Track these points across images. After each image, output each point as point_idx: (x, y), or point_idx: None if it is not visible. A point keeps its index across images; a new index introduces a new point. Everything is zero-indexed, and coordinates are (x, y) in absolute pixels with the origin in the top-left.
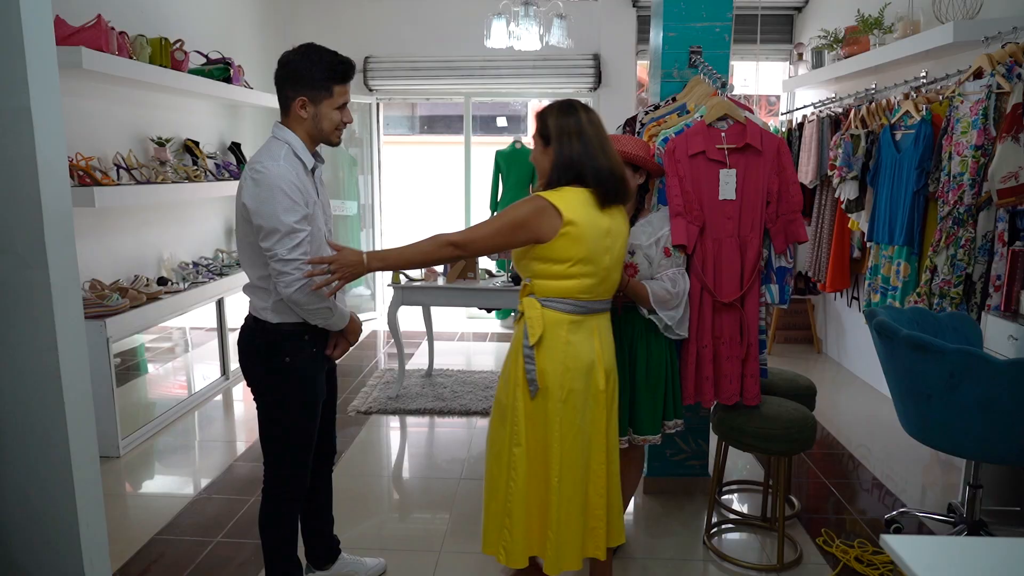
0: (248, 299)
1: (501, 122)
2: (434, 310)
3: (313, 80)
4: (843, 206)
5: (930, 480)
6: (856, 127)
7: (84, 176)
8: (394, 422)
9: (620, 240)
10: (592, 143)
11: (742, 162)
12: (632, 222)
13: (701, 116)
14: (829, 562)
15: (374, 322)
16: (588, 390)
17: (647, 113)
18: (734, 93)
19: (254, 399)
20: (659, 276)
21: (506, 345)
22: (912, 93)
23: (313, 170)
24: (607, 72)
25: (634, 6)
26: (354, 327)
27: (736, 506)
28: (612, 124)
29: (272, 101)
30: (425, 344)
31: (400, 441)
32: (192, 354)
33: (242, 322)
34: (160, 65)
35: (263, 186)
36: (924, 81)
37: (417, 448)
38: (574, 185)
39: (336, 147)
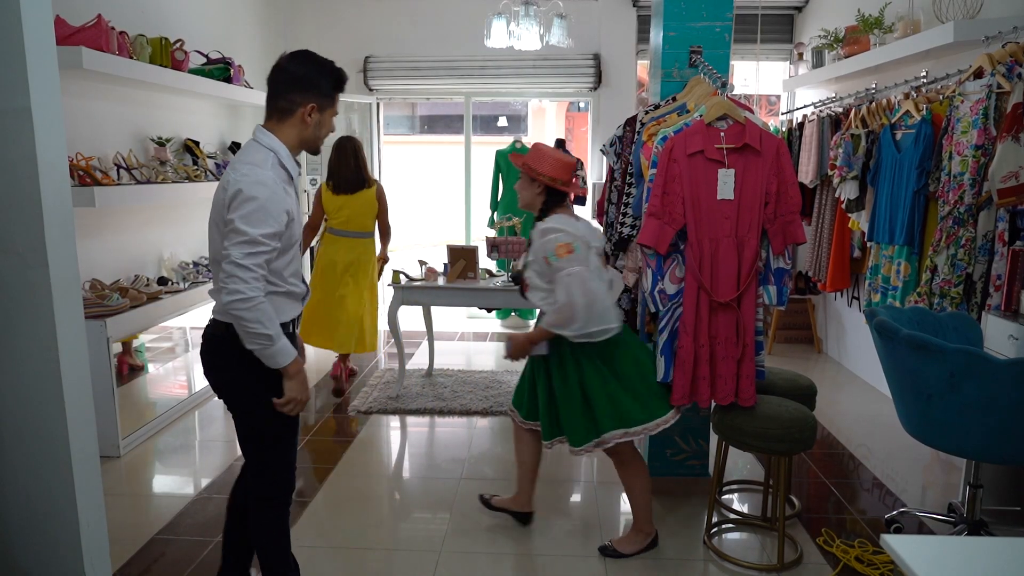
0: (218, 307)
1: (501, 122)
2: (434, 310)
3: (323, 89)
4: (843, 206)
5: (930, 480)
6: (856, 127)
7: (84, 176)
8: (394, 422)
9: (356, 200)
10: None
11: (741, 162)
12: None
13: (701, 115)
14: (829, 562)
15: None
16: (332, 268)
17: (647, 113)
18: (734, 93)
19: (241, 411)
20: (550, 296)
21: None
22: (912, 93)
23: (292, 178)
24: (607, 72)
25: (634, 6)
26: (302, 380)
27: (736, 506)
28: (612, 124)
29: None
30: (425, 344)
31: (400, 441)
32: (192, 354)
33: (207, 336)
34: (160, 65)
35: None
36: (924, 81)
37: (417, 448)
38: None
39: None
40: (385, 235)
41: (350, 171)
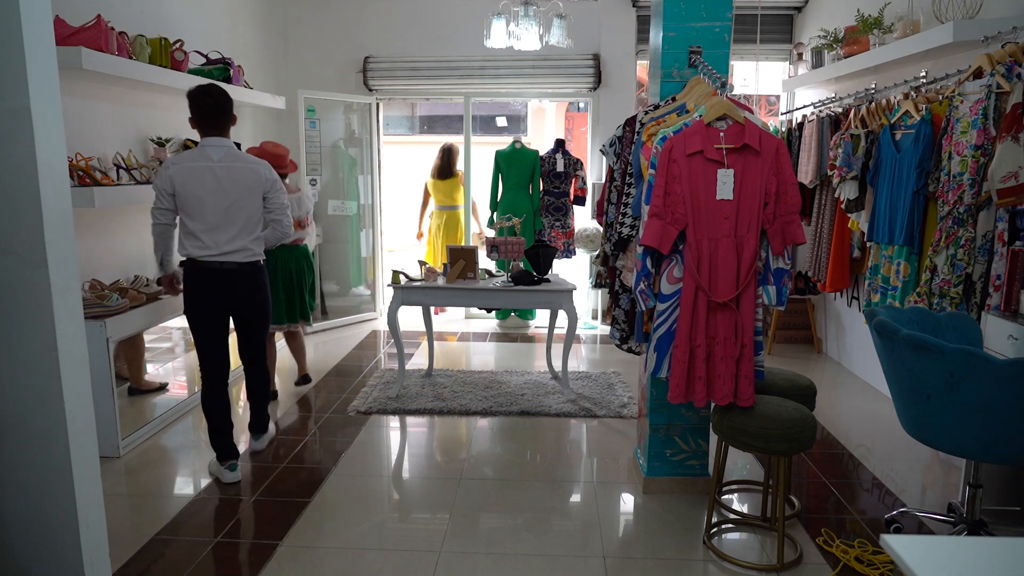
0: (247, 252)
1: (501, 122)
2: (434, 310)
3: None
4: (843, 206)
5: (930, 480)
6: (856, 127)
7: (84, 176)
8: (394, 422)
9: (447, 184)
10: (436, 158)
11: (740, 162)
12: None
13: (700, 116)
14: (829, 562)
15: (374, 322)
16: (438, 228)
17: (647, 113)
18: (734, 93)
19: (258, 321)
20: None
21: (507, 345)
22: (912, 93)
23: None
24: (607, 72)
25: (634, 6)
26: None
27: (736, 506)
28: (612, 124)
29: (271, 101)
30: (425, 344)
31: (400, 441)
32: (192, 354)
33: (249, 270)
34: (160, 65)
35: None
36: (924, 81)
37: (417, 448)
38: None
39: (335, 147)
40: (475, 211)
41: (444, 164)
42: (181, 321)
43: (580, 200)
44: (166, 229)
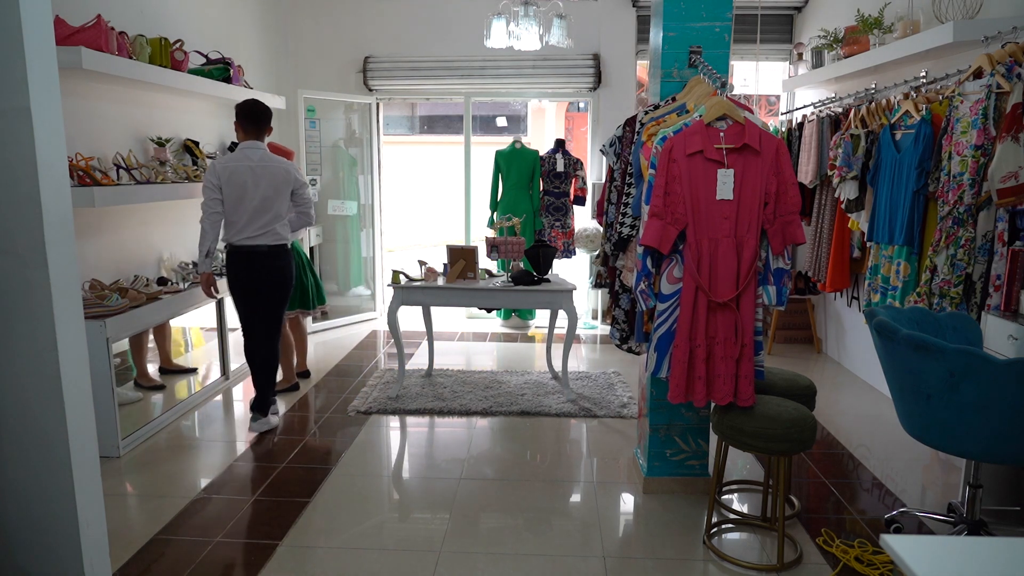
0: (275, 235)
1: (501, 122)
2: (434, 310)
3: None
4: (843, 206)
5: (930, 480)
6: (856, 127)
7: (84, 176)
8: (394, 422)
9: None
10: None
11: (740, 162)
12: None
13: (700, 116)
14: (829, 562)
15: (374, 322)
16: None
17: (647, 113)
18: (734, 93)
19: (276, 298)
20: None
21: (507, 345)
22: (912, 93)
23: None
24: (607, 72)
25: (634, 6)
26: None
27: (736, 506)
28: (612, 124)
29: (271, 101)
30: (425, 344)
31: (400, 441)
32: (192, 354)
33: (275, 253)
34: (160, 65)
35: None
36: (924, 81)
37: (417, 448)
38: None
39: (335, 147)
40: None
41: None
42: (181, 321)
43: (580, 200)
44: (217, 219)
